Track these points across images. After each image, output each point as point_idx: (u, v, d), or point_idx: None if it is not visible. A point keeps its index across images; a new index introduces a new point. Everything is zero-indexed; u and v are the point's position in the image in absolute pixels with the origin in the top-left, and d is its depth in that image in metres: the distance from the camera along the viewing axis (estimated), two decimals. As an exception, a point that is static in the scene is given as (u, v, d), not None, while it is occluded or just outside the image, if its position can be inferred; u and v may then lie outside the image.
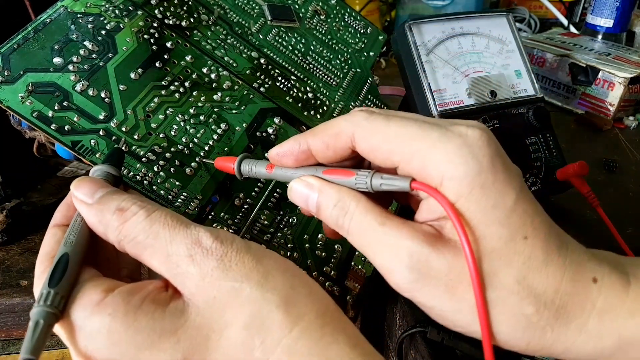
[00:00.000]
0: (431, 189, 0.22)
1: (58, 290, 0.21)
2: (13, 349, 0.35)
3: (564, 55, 0.65)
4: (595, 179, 0.50)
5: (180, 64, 0.35)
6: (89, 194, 0.24)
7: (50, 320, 0.20)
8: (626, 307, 0.22)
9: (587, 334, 0.22)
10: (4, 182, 0.38)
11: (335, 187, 0.24)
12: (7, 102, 0.28)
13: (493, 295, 0.21)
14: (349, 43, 0.49)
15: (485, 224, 0.21)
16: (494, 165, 0.21)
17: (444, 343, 0.30)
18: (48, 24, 0.32)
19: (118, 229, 0.23)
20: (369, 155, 0.24)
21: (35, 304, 0.20)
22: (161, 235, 0.22)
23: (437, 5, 0.81)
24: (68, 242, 0.22)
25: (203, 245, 0.22)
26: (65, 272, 0.21)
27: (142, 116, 0.32)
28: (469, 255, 0.21)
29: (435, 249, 0.22)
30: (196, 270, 0.21)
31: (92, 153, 0.29)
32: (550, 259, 0.22)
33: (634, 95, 0.61)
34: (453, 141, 0.21)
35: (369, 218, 0.23)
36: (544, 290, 0.21)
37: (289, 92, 0.41)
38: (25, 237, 0.39)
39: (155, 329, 0.20)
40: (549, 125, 0.43)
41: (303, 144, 0.25)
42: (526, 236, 0.21)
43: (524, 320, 0.21)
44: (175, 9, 0.38)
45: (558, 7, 0.91)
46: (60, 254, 0.22)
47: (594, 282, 0.22)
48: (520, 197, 0.22)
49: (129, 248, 0.23)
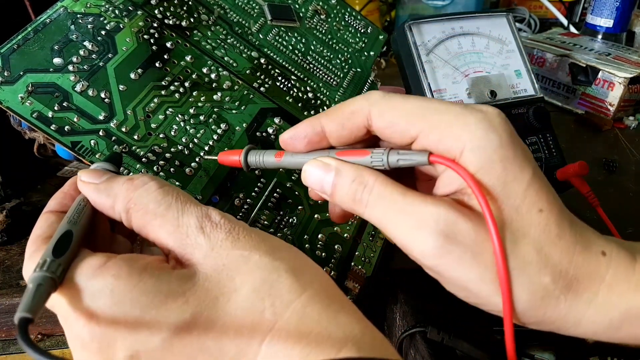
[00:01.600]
0: (451, 161, 0.22)
1: (60, 261, 0.20)
2: (13, 349, 0.35)
3: (564, 55, 0.65)
4: (595, 179, 0.50)
5: (180, 64, 0.35)
6: (96, 177, 0.24)
7: (51, 286, 0.19)
8: (633, 281, 0.22)
9: (596, 306, 0.22)
10: (4, 182, 0.38)
11: (353, 165, 0.24)
12: (7, 102, 0.28)
13: (513, 264, 0.22)
14: (349, 43, 0.49)
15: (505, 196, 0.22)
16: (513, 141, 0.22)
17: (444, 343, 0.30)
18: (48, 24, 0.32)
19: (128, 197, 0.22)
20: (385, 131, 0.24)
21: (35, 270, 0.20)
22: (173, 206, 0.22)
23: (437, 5, 0.81)
24: (71, 221, 0.22)
25: (212, 220, 0.22)
26: (68, 247, 0.21)
27: (142, 116, 0.32)
28: (490, 222, 0.21)
29: (462, 214, 0.22)
30: (205, 241, 0.21)
31: (92, 153, 0.29)
32: (563, 233, 0.22)
33: (634, 95, 0.61)
34: (475, 115, 0.22)
35: (390, 189, 0.23)
36: (559, 260, 0.22)
37: (289, 92, 0.41)
38: (25, 237, 0.39)
39: (161, 290, 0.20)
40: (549, 125, 0.43)
41: (317, 126, 0.25)
42: (542, 209, 0.22)
43: (541, 289, 0.22)
44: (175, 9, 0.38)
45: (558, 7, 0.91)
46: (63, 230, 0.22)
47: (603, 255, 0.23)
48: (536, 173, 0.23)
49: (137, 217, 0.22)
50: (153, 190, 0.23)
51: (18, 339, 0.18)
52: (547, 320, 0.23)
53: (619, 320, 0.22)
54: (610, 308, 0.22)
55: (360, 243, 0.36)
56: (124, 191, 0.23)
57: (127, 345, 0.20)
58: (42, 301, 0.19)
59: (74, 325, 0.20)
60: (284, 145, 0.27)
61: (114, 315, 0.20)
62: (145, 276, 0.20)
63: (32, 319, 0.18)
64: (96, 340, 0.20)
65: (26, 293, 0.19)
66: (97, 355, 0.20)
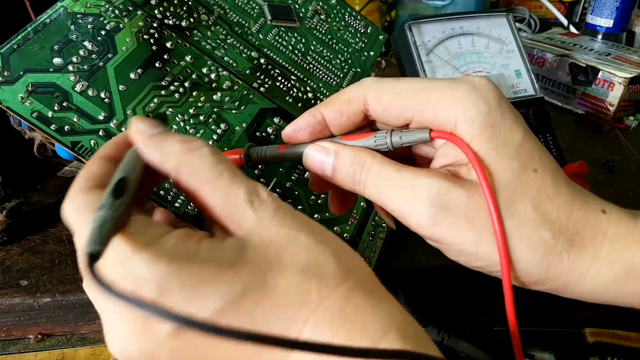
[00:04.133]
0: (450, 135, 0.23)
1: (121, 202, 0.20)
2: (13, 349, 0.35)
3: (564, 55, 0.65)
4: (595, 179, 0.50)
5: (180, 64, 0.35)
6: (150, 127, 0.23)
7: (117, 224, 0.19)
8: (636, 236, 0.23)
9: (600, 261, 0.23)
10: (4, 182, 0.38)
11: (351, 147, 0.25)
12: (7, 102, 0.28)
13: (511, 224, 0.23)
14: (349, 43, 0.49)
15: (498, 159, 0.23)
16: (501, 106, 0.23)
17: (444, 343, 0.30)
18: (48, 24, 0.32)
19: (180, 156, 0.22)
20: (382, 115, 0.25)
21: (99, 210, 0.19)
22: (224, 175, 0.22)
23: (437, 5, 0.81)
24: (126, 170, 0.21)
25: (260, 196, 0.22)
26: (125, 193, 0.20)
27: (142, 116, 0.32)
28: (484, 183, 0.22)
29: (453, 183, 0.23)
30: (253, 215, 0.21)
31: (91, 153, 0.29)
32: (559, 191, 0.23)
33: (634, 95, 0.61)
34: (462, 86, 0.23)
35: (385, 167, 0.24)
36: (558, 216, 0.23)
37: (289, 92, 0.41)
38: (25, 237, 0.39)
39: (215, 263, 0.20)
40: (549, 125, 0.43)
41: (318, 115, 0.26)
42: (536, 169, 0.23)
43: (542, 245, 0.23)
44: (175, 9, 0.38)
45: (558, 7, 0.91)
46: (122, 175, 0.21)
47: (603, 212, 0.23)
48: (527, 135, 0.24)
49: (187, 179, 0.22)
50: (207, 157, 0.22)
51: (86, 275, 0.17)
52: (551, 277, 0.23)
53: (625, 274, 0.23)
54: (615, 262, 0.23)
55: (360, 243, 0.36)
56: (177, 151, 0.22)
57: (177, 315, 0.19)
58: (108, 238, 0.18)
59: (134, 264, 0.19)
60: (287, 139, 0.27)
61: (168, 287, 0.19)
62: (202, 247, 0.20)
63: (100, 253, 0.18)
64: (155, 282, 0.19)
65: (94, 229, 0.18)
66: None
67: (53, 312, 0.35)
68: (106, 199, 0.20)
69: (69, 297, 0.34)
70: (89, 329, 0.36)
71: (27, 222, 0.40)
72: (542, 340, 0.37)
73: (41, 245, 0.38)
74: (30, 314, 0.34)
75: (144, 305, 0.17)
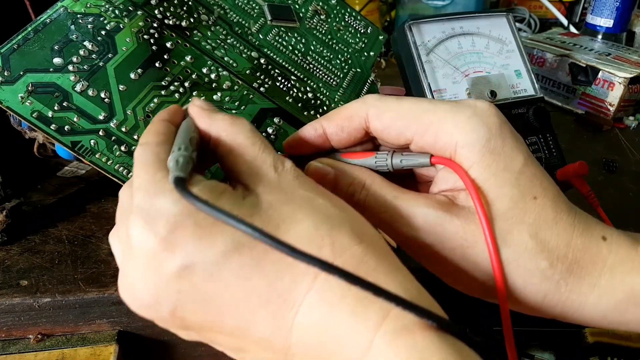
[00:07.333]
0: (449, 161, 0.23)
1: (193, 149, 0.23)
2: (13, 349, 0.35)
3: (564, 55, 0.65)
4: (595, 179, 0.50)
5: (180, 64, 0.35)
6: (206, 105, 0.26)
7: (191, 162, 0.22)
8: (636, 263, 0.23)
9: (600, 289, 0.22)
10: (4, 182, 0.38)
11: (351, 167, 0.26)
12: (7, 102, 0.28)
13: (507, 253, 0.22)
14: (349, 43, 0.49)
15: (497, 186, 0.23)
16: (502, 132, 0.23)
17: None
18: (48, 24, 0.32)
19: (225, 123, 0.24)
20: (382, 133, 0.25)
21: (177, 152, 0.22)
22: (257, 144, 0.24)
23: (437, 5, 0.81)
24: (189, 132, 0.25)
25: (285, 165, 0.23)
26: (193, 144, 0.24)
27: (142, 116, 0.32)
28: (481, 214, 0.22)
29: (449, 213, 0.23)
30: (275, 177, 0.23)
31: (91, 153, 0.29)
32: (559, 217, 0.23)
33: (634, 95, 0.61)
34: (463, 112, 0.23)
35: (383, 192, 0.24)
36: (556, 244, 0.22)
37: (289, 92, 0.41)
38: (25, 237, 0.39)
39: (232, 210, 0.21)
40: (549, 125, 0.43)
41: (319, 129, 0.26)
42: (536, 196, 0.23)
43: (538, 274, 0.22)
44: (175, 9, 0.38)
45: (558, 7, 0.91)
46: (190, 136, 0.24)
47: (603, 239, 0.23)
48: (528, 161, 0.23)
49: (225, 142, 0.24)
50: (246, 128, 0.24)
51: (180, 194, 0.20)
52: (548, 304, 0.23)
53: (625, 301, 0.22)
54: (615, 291, 0.22)
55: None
56: (222, 120, 0.25)
57: (186, 253, 0.20)
58: (188, 169, 0.22)
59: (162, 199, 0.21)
60: (288, 149, 0.27)
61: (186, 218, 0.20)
62: (224, 197, 0.21)
63: (186, 177, 0.21)
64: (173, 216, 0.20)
65: (173, 164, 0.22)
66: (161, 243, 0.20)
67: (53, 312, 0.35)
68: (184, 146, 0.23)
69: (69, 297, 0.34)
70: (89, 329, 0.36)
71: (27, 222, 0.40)
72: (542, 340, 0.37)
73: (41, 245, 0.38)
74: (30, 314, 0.34)
75: (222, 213, 0.19)
